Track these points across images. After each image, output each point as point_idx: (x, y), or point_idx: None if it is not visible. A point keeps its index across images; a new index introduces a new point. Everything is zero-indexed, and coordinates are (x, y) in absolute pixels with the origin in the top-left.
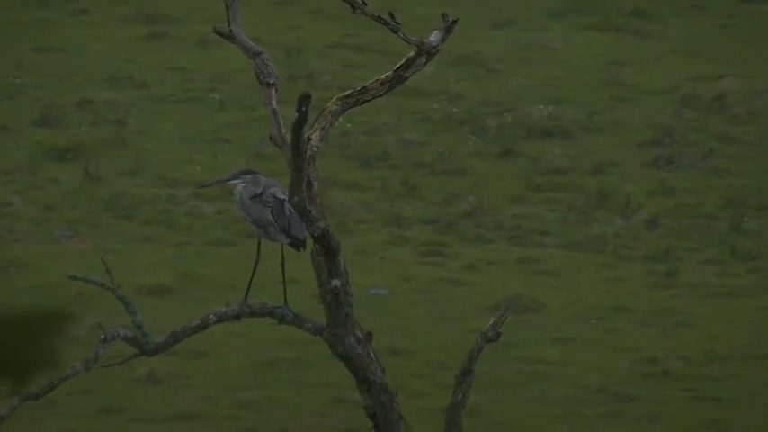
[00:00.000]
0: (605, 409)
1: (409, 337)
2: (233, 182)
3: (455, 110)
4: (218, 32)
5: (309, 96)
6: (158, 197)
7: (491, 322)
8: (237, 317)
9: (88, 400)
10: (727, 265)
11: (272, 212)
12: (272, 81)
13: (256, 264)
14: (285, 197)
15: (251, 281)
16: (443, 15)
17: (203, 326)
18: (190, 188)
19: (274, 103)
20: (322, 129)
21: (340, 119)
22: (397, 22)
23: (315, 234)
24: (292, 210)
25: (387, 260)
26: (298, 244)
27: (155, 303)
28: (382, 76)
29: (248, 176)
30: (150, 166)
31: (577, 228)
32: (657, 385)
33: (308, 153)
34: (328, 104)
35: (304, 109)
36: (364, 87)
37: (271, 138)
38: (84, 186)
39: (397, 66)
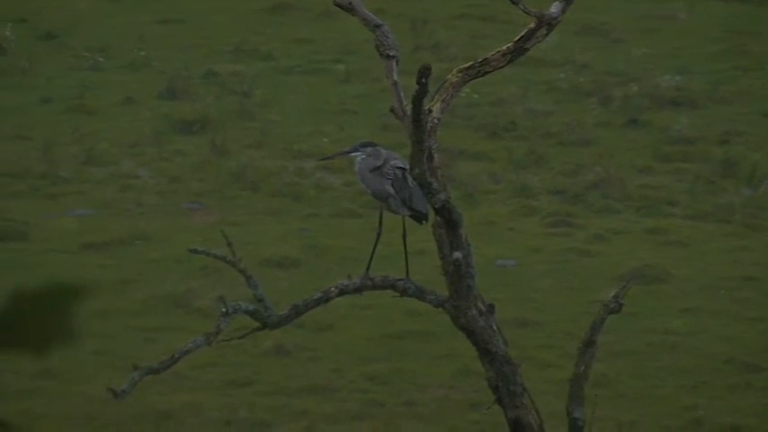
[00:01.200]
0: (734, 380)
1: (536, 308)
2: (353, 154)
3: (581, 80)
4: (337, 4)
5: (429, 68)
6: (285, 169)
7: (613, 294)
8: (359, 290)
9: (215, 373)
10: None
11: (392, 185)
12: (392, 53)
13: (378, 236)
14: (406, 168)
15: (373, 253)
16: None
17: (325, 299)
18: (316, 159)
19: (395, 75)
20: (443, 101)
21: (465, 90)
22: None
23: (436, 206)
24: (413, 182)
25: (514, 231)
26: (419, 216)
27: (281, 276)
28: (503, 48)
29: (368, 149)
30: (276, 138)
31: (705, 197)
32: None
33: (429, 125)
34: (449, 76)
35: (424, 81)
36: (485, 59)
37: (392, 110)
38: (210, 158)
39: (518, 37)
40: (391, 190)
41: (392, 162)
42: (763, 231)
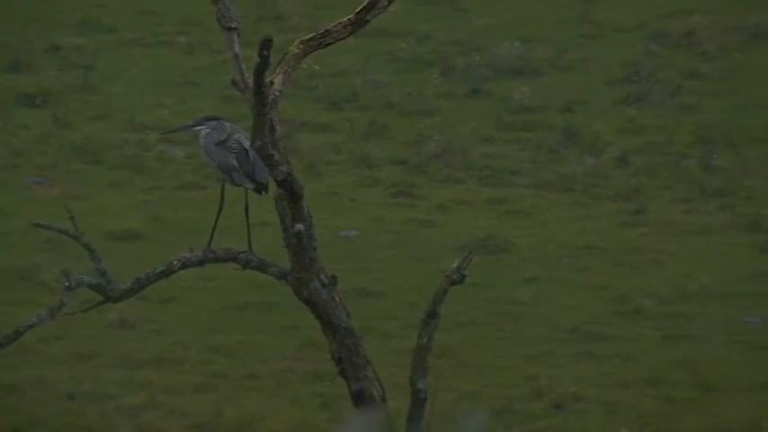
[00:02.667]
0: (577, 349)
1: (379, 278)
2: (197, 128)
3: (423, 50)
4: None
5: (271, 41)
6: (127, 142)
7: (456, 265)
8: (201, 263)
9: (60, 346)
10: (697, 202)
11: (236, 158)
12: (233, 25)
13: (220, 209)
14: (249, 143)
15: (215, 226)
16: None
17: (168, 272)
18: (159, 132)
19: (236, 47)
20: (284, 73)
21: (307, 61)
22: None
23: (278, 178)
24: (256, 155)
25: (356, 202)
26: (259, 188)
27: (125, 248)
28: (345, 19)
29: (212, 123)
30: (119, 111)
31: (547, 166)
32: (629, 324)
33: (271, 97)
34: (291, 48)
35: (266, 53)
36: (327, 30)
37: (233, 82)
38: (53, 131)
39: (360, 8)
40: (235, 163)
41: (236, 136)
42: (605, 200)
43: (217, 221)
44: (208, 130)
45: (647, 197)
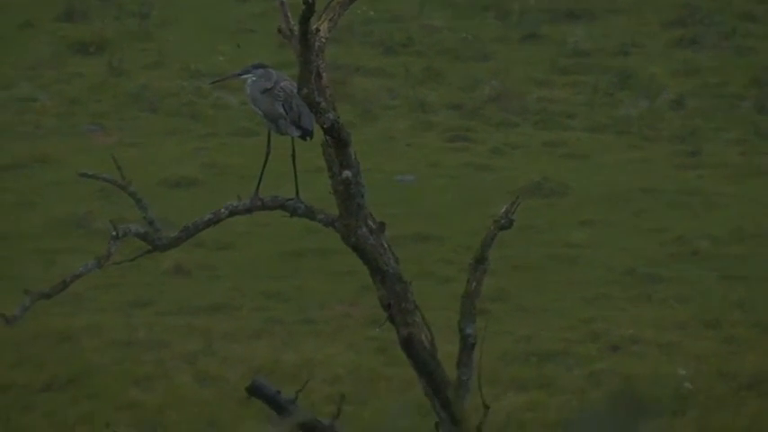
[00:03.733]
0: (635, 291)
1: (436, 222)
2: (244, 76)
3: None
4: None
5: None
6: (183, 89)
7: (504, 209)
8: (249, 210)
9: (116, 294)
10: (752, 144)
11: (282, 105)
12: None
13: (267, 156)
14: (295, 90)
15: (262, 173)
16: None
17: (215, 220)
18: (208, 82)
19: None
20: (330, 20)
21: (362, 7)
22: None
23: (324, 125)
24: (301, 102)
25: (412, 146)
26: (305, 134)
27: (181, 195)
28: None
29: (259, 71)
30: (174, 59)
31: (602, 110)
32: (686, 266)
33: (317, 45)
34: None
35: (311, 0)
36: None
37: (279, 30)
38: (108, 80)
39: None
40: (282, 111)
41: (282, 84)
42: (661, 142)
43: (264, 168)
44: (254, 78)
45: (702, 139)
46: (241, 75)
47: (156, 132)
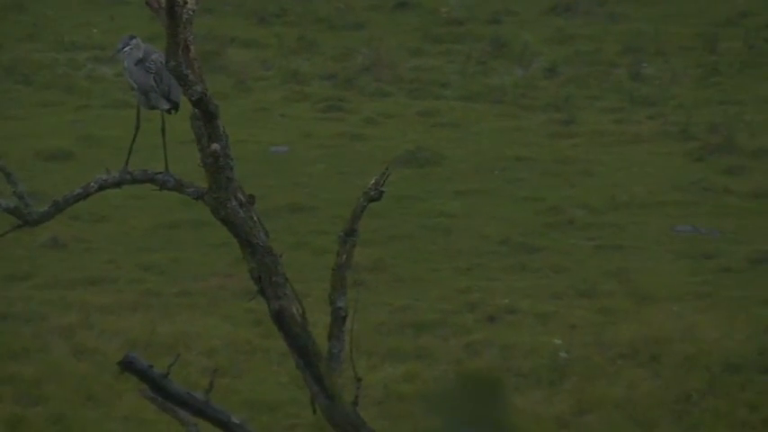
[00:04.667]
0: (510, 261)
1: (310, 193)
2: (125, 49)
3: None
4: None
5: None
6: (57, 61)
7: (373, 181)
8: (118, 184)
9: None
10: (627, 112)
11: (154, 78)
12: None
13: (136, 131)
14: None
15: (131, 147)
16: None
17: (85, 194)
18: (88, 51)
19: None
20: None
21: None
22: None
23: (192, 98)
24: (170, 75)
25: (286, 117)
26: (174, 108)
27: (56, 168)
28: None
29: (134, 41)
30: (48, 31)
31: (476, 78)
32: (561, 235)
33: (185, 17)
34: None
35: None
36: None
37: (147, 2)
38: None
39: None
40: (153, 83)
41: (153, 56)
42: (535, 111)
43: (134, 142)
44: (129, 50)
45: (576, 107)
46: (122, 49)
47: (30, 105)
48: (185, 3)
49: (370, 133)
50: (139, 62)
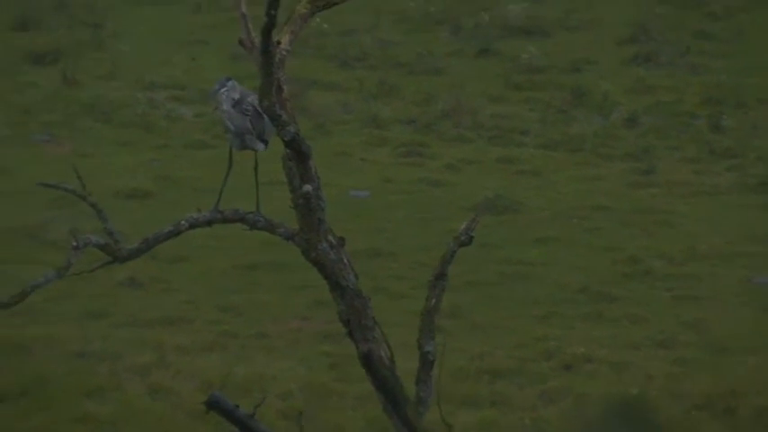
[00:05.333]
0: (587, 309)
1: (390, 238)
2: (221, 91)
3: (432, 9)
4: None
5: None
6: (136, 100)
7: (463, 226)
8: (209, 223)
9: (70, 305)
10: (706, 163)
11: (250, 121)
12: None
13: (229, 169)
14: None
15: (223, 186)
16: None
17: (176, 232)
18: (167, 91)
19: (243, 6)
20: (292, 32)
21: (315, 20)
22: None
23: (285, 138)
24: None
25: (366, 161)
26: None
27: (133, 207)
28: None
29: (230, 83)
30: (128, 69)
31: (556, 126)
32: (638, 285)
33: (278, 57)
34: (298, 7)
35: (273, 12)
36: None
37: (240, 42)
38: (61, 90)
39: None
40: (249, 126)
41: (249, 98)
42: (615, 160)
43: (225, 181)
44: (225, 91)
45: (656, 157)
46: (219, 90)
47: (109, 143)
48: (279, 43)
49: (450, 179)
50: (236, 104)
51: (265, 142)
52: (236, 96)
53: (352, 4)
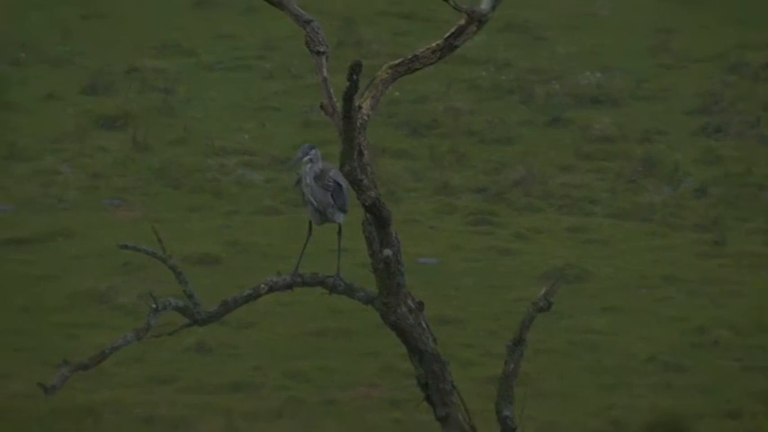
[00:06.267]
0: (655, 379)
1: (459, 306)
2: (305, 159)
3: (503, 78)
4: (267, 0)
5: (360, 65)
6: (207, 165)
7: (543, 292)
8: (289, 286)
9: (138, 370)
10: None
11: (332, 195)
12: (322, 49)
13: (308, 239)
14: (343, 183)
15: (302, 253)
16: None
17: (255, 295)
18: (238, 157)
19: (325, 71)
20: (373, 97)
21: (389, 88)
22: None
23: (366, 203)
24: (347, 188)
25: (436, 229)
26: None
27: (203, 272)
28: (433, 45)
29: (312, 152)
30: (199, 135)
31: (626, 196)
32: (707, 355)
33: (359, 122)
34: (379, 72)
35: (355, 77)
36: (415, 56)
37: (321, 106)
38: (132, 155)
39: (448, 34)
40: (331, 200)
41: (331, 173)
42: (684, 230)
43: (304, 249)
44: (309, 161)
45: (725, 228)
46: (302, 159)
47: (179, 208)
48: (360, 108)
49: (519, 248)
50: (318, 178)
51: (345, 213)
52: (319, 169)
53: (424, 73)
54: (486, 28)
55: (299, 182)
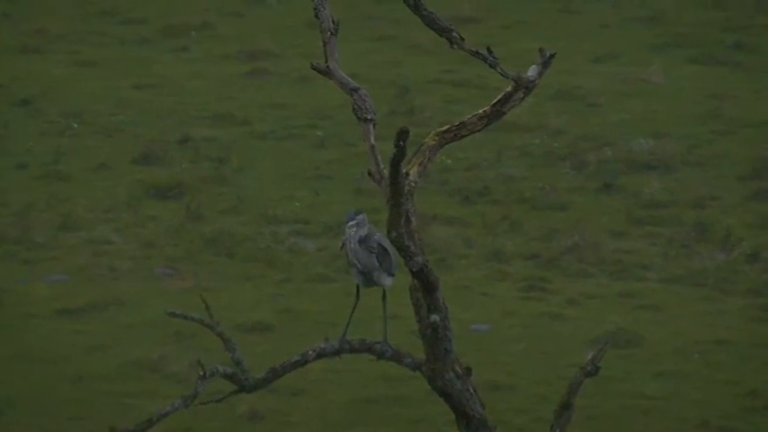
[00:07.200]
0: None
1: (510, 372)
2: (350, 223)
3: (555, 144)
4: (315, 68)
5: (407, 131)
6: (260, 234)
7: (590, 357)
8: (337, 353)
9: None
10: None
11: (377, 258)
12: (369, 117)
13: (356, 304)
14: (389, 246)
15: (350, 318)
16: (541, 50)
17: (303, 362)
18: (290, 225)
19: (372, 138)
20: (420, 164)
21: (439, 155)
22: (494, 57)
23: (413, 269)
24: (393, 251)
25: (488, 295)
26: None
27: (255, 340)
28: (480, 111)
29: (359, 216)
30: (251, 204)
31: (678, 261)
32: (760, 419)
33: (407, 188)
34: (426, 139)
35: (402, 144)
36: (462, 123)
37: (369, 173)
38: (185, 224)
39: (495, 101)
40: (376, 263)
41: (375, 236)
42: (737, 295)
43: (352, 314)
44: (354, 225)
45: None
46: (347, 223)
47: (231, 277)
48: (408, 174)
49: (571, 314)
50: (362, 241)
51: (392, 276)
52: (364, 233)
53: (475, 140)
54: (537, 95)
55: (343, 245)
